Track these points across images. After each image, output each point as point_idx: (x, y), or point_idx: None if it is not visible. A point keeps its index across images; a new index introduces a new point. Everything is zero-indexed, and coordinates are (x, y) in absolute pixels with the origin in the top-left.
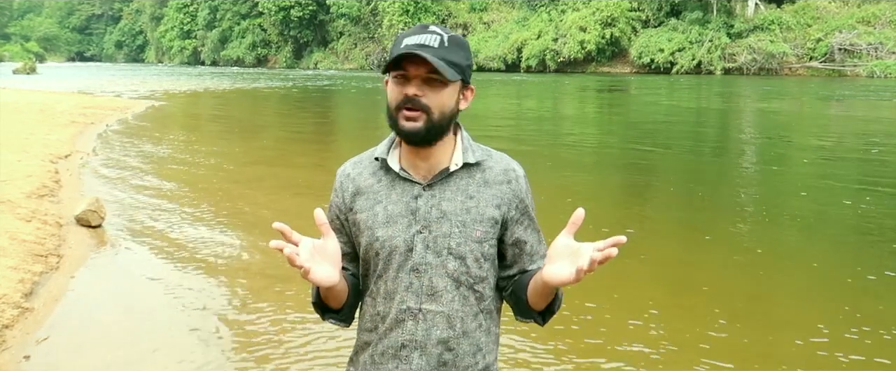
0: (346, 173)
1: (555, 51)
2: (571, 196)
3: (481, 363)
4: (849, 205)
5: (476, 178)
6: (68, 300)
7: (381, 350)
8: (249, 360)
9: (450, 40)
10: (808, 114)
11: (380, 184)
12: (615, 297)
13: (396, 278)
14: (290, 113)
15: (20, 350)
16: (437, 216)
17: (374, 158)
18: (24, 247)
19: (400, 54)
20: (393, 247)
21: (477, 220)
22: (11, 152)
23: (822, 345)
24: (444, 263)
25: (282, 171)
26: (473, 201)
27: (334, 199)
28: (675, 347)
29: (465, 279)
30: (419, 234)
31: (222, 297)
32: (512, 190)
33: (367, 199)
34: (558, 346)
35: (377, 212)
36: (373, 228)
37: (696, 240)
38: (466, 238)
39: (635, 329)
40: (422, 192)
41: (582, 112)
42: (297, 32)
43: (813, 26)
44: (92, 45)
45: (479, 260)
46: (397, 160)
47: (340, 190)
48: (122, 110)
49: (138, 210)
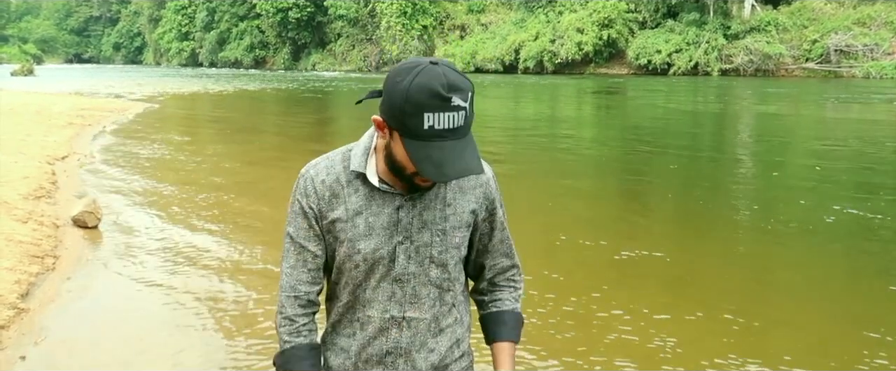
0: (320, 178)
1: (552, 52)
2: (570, 197)
3: (458, 351)
4: (847, 207)
5: (452, 186)
6: (64, 301)
7: (365, 357)
8: (246, 360)
9: (470, 104)
10: (806, 116)
11: (357, 194)
12: (613, 296)
13: (377, 288)
14: (288, 114)
15: (16, 350)
16: (418, 226)
17: (349, 169)
18: (20, 248)
19: (434, 176)
20: (376, 258)
21: (455, 226)
22: (8, 154)
23: (820, 345)
24: (427, 272)
25: (279, 173)
26: (451, 208)
27: (307, 203)
28: (672, 345)
29: (446, 285)
30: (401, 245)
31: (219, 298)
32: (484, 193)
33: (346, 210)
34: (555, 343)
35: (357, 223)
36: (354, 240)
37: (693, 241)
38: (447, 245)
39: (632, 328)
40: (404, 202)
41: (579, 114)
42: (295, 34)
43: (809, 27)
44: (90, 47)
45: (458, 264)
46: (375, 173)
47: (315, 196)
48: (119, 112)
49: (135, 211)
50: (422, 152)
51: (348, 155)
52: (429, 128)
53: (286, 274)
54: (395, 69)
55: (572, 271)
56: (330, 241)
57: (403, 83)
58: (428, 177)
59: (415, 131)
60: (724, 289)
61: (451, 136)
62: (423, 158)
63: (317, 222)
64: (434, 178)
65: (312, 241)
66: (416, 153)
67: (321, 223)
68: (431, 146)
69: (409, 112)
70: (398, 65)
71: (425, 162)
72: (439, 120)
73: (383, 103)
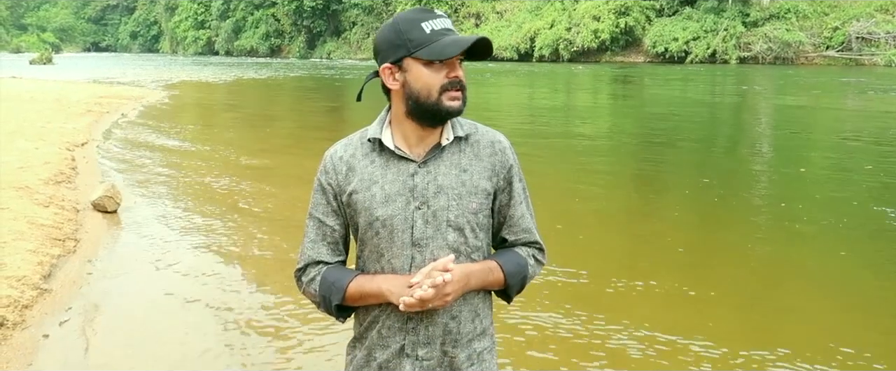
0: (339, 156)
1: (568, 40)
2: (586, 185)
3: (479, 327)
4: (867, 201)
5: (467, 152)
6: (85, 282)
7: (388, 325)
8: (261, 339)
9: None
10: (827, 106)
11: (374, 165)
12: (626, 280)
13: (400, 255)
14: (303, 102)
15: (39, 329)
16: (434, 191)
17: (366, 140)
18: (42, 231)
19: (461, 43)
20: (394, 225)
21: (472, 191)
22: (29, 140)
23: (834, 333)
24: (444, 236)
25: (294, 160)
26: (467, 174)
27: (325, 180)
28: (685, 329)
29: (464, 249)
30: (418, 210)
31: (235, 282)
32: (500, 161)
33: (362, 181)
34: (572, 324)
35: (375, 192)
36: (371, 209)
37: (708, 230)
38: (463, 210)
39: (645, 312)
40: (417, 169)
41: (595, 103)
42: (310, 22)
43: (830, 15)
44: (107, 36)
45: (475, 230)
46: (390, 139)
47: (334, 172)
48: (136, 100)
49: (153, 196)
50: (436, 47)
51: (366, 131)
52: (431, 31)
53: (307, 248)
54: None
55: (586, 256)
56: (350, 215)
57: (387, 23)
58: (451, 52)
59: (420, 39)
60: (739, 275)
61: (452, 33)
62: (440, 46)
63: (335, 198)
64: (455, 49)
65: (331, 216)
66: (432, 49)
67: (340, 198)
68: (442, 40)
69: (407, 28)
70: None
71: (444, 46)
72: (436, 24)
73: (381, 53)
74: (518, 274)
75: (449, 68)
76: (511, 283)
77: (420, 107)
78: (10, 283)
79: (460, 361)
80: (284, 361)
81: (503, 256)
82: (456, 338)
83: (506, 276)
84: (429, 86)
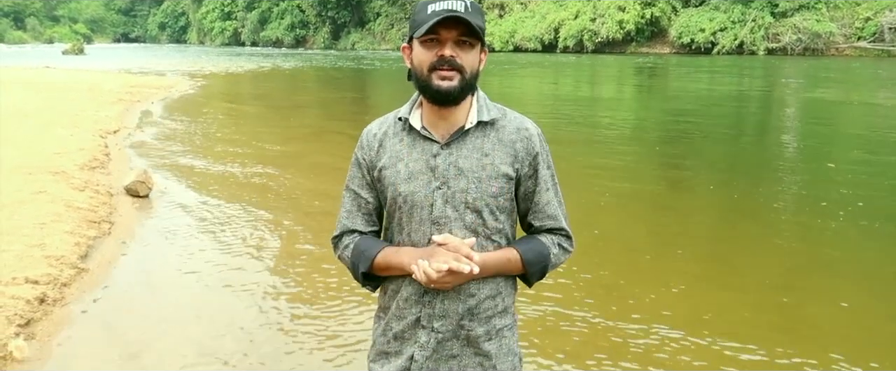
0: (372, 132)
1: (592, 31)
2: (608, 172)
3: (501, 305)
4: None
5: (491, 137)
6: (120, 263)
7: (406, 296)
8: (293, 320)
9: (472, 6)
10: (858, 100)
11: (401, 143)
12: (648, 269)
13: (419, 230)
14: (329, 92)
15: (78, 306)
16: (454, 173)
17: (397, 118)
18: (78, 213)
19: (441, 18)
20: (414, 201)
21: (492, 176)
22: (64, 128)
23: (859, 323)
24: (462, 216)
25: (322, 147)
26: (489, 158)
27: (361, 155)
28: (708, 318)
29: (482, 230)
30: (438, 190)
31: (261, 265)
32: (524, 148)
33: (390, 157)
34: (590, 313)
35: (399, 169)
36: (396, 184)
37: (733, 221)
38: (482, 193)
39: (667, 300)
40: (440, 150)
41: (620, 95)
42: (335, 13)
43: (862, 4)
44: (136, 27)
45: (494, 213)
46: (419, 119)
47: (367, 147)
48: (166, 89)
49: (183, 182)
50: (423, 25)
51: (400, 111)
52: (431, 11)
53: (343, 217)
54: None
55: (607, 245)
56: (380, 189)
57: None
58: (426, 27)
59: (421, 19)
60: (763, 268)
61: (451, 12)
62: (421, 23)
63: (368, 172)
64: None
65: (365, 189)
66: (420, 28)
67: (372, 173)
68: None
69: (417, 10)
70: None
71: (423, 22)
72: (439, 5)
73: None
74: (538, 262)
75: (440, 47)
76: (531, 271)
77: (419, 85)
78: (50, 262)
79: (477, 335)
80: (309, 342)
81: (525, 244)
82: (474, 313)
83: (525, 264)
84: (421, 64)
